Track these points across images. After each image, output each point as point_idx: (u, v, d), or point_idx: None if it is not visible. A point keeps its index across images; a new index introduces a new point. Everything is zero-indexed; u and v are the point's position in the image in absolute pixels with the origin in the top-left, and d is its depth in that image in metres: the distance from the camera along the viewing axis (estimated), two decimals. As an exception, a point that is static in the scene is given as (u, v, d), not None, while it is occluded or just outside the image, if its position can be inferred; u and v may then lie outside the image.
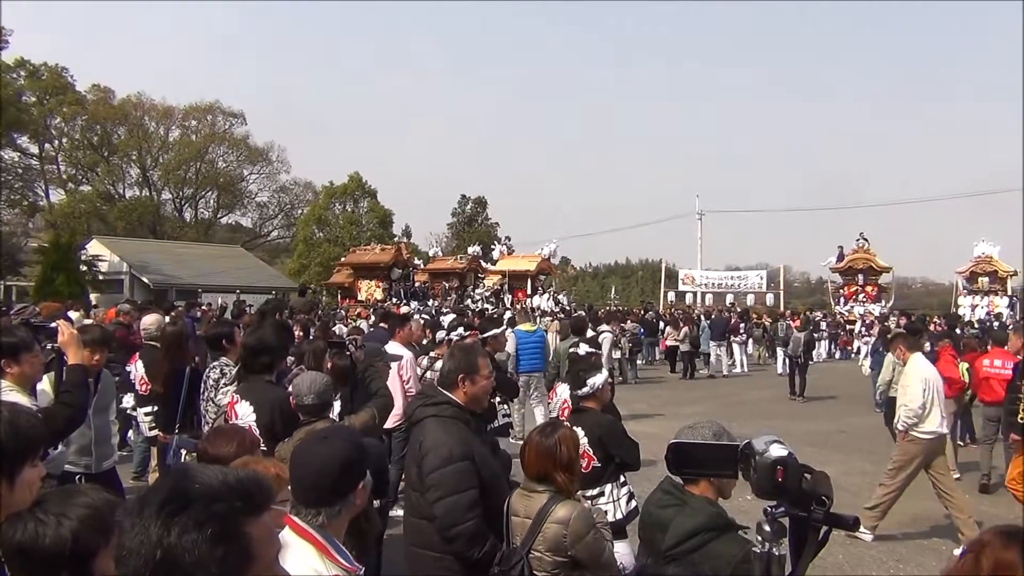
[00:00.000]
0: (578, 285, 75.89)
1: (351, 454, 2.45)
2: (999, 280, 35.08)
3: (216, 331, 6.69)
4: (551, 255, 40.71)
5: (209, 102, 59.21)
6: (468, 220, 67.02)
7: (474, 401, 3.86)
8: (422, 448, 3.63)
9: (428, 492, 3.53)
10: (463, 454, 3.55)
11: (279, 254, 66.13)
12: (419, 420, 3.80)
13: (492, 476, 3.67)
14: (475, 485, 3.53)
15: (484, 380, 3.88)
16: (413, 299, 32.50)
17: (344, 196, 59.94)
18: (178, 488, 1.29)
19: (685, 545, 2.90)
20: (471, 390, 3.81)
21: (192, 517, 1.24)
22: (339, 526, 2.40)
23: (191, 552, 1.22)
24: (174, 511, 1.24)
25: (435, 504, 3.50)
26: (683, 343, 22.98)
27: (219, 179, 59.79)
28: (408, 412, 4.00)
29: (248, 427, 4.55)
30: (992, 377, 10.02)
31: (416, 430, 3.81)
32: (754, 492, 2.10)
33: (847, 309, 35.62)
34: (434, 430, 3.67)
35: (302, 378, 4.43)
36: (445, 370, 3.89)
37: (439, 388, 3.90)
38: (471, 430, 3.76)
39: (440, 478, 3.51)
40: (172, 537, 1.22)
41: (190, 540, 1.22)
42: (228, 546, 1.25)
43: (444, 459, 3.53)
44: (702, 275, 43.30)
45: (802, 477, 2.03)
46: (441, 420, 3.70)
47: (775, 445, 2.08)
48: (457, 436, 3.62)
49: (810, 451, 11.66)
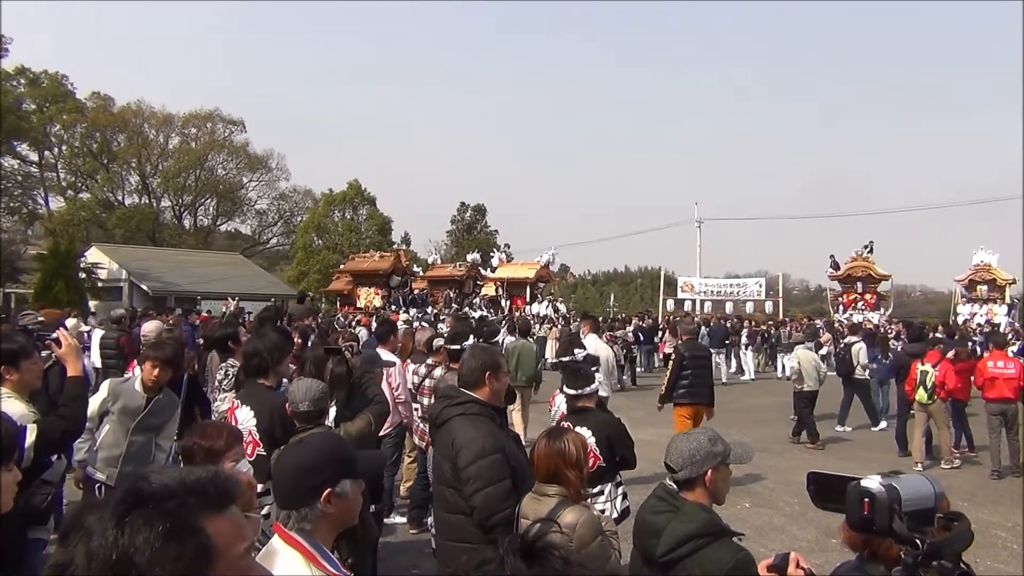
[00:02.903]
0: (577, 292, 75.94)
1: (316, 458, 2.45)
2: (997, 288, 35.13)
3: (221, 333, 6.72)
4: (550, 262, 40.83)
5: (209, 110, 59.49)
6: (467, 227, 67.12)
7: (497, 396, 4.04)
8: (454, 445, 3.77)
9: (466, 485, 3.68)
10: (495, 447, 3.73)
11: (278, 261, 66.16)
12: (445, 420, 3.93)
13: (521, 467, 3.82)
14: (508, 475, 3.69)
15: (505, 376, 4.11)
16: (412, 306, 32.55)
17: (343, 203, 60.09)
18: (132, 489, 1.29)
19: (678, 551, 2.91)
20: (495, 386, 4.01)
21: (143, 516, 1.23)
22: (326, 532, 2.40)
23: (143, 551, 1.21)
24: (125, 511, 1.24)
25: (473, 496, 3.64)
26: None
27: (218, 186, 59.82)
28: (432, 414, 4.12)
29: (248, 432, 4.58)
30: (997, 376, 11.06)
31: (444, 431, 3.93)
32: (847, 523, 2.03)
33: (846, 317, 35.61)
34: (463, 427, 3.82)
35: (297, 385, 4.44)
36: (468, 368, 4.02)
37: (460, 388, 4.03)
38: (496, 425, 3.96)
39: (477, 471, 3.66)
40: (125, 537, 1.21)
41: (142, 539, 1.21)
42: (182, 544, 1.24)
43: (478, 453, 3.68)
44: (701, 283, 43.27)
45: (893, 515, 1.85)
46: (468, 418, 3.87)
47: (888, 478, 1.91)
48: (486, 430, 3.81)
49: (809, 458, 11.71)
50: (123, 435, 5.08)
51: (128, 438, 5.08)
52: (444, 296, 36.29)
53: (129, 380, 5.49)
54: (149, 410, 5.16)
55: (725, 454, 3.11)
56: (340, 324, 21.17)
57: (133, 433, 5.09)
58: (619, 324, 26.10)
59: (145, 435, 5.15)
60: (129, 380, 5.49)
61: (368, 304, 35.22)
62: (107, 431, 5.16)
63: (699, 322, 27.81)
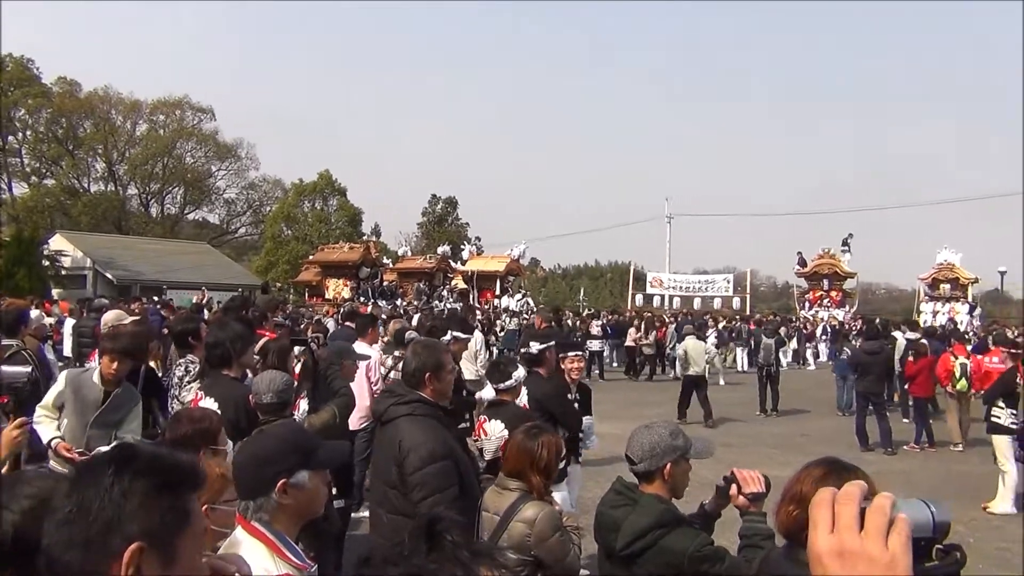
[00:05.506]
0: (547, 286, 75.99)
1: (272, 449, 2.45)
2: (960, 287, 35.73)
3: (182, 327, 6.53)
4: (520, 256, 40.83)
5: (178, 97, 58.60)
6: (438, 220, 66.85)
7: (441, 396, 3.95)
8: (402, 448, 3.68)
9: (412, 492, 3.60)
10: (444, 453, 3.65)
11: (247, 251, 65.57)
12: (392, 419, 3.84)
13: (467, 471, 3.78)
14: (456, 482, 3.63)
15: (449, 375, 4.00)
16: (381, 298, 32.43)
17: (313, 194, 59.67)
18: (127, 446, 1.41)
19: (638, 544, 2.94)
20: (438, 387, 3.91)
21: (137, 470, 1.33)
22: (287, 523, 2.40)
23: (132, 501, 1.30)
24: (120, 467, 1.33)
25: (420, 504, 3.55)
26: (648, 346, 23.04)
27: (186, 175, 59.12)
28: (378, 411, 4.01)
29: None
30: (992, 371, 11.82)
31: (389, 428, 3.85)
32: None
33: (812, 314, 36.06)
34: (411, 429, 3.73)
35: (261, 376, 4.42)
36: (411, 368, 3.93)
37: (407, 387, 3.94)
38: (444, 426, 3.87)
39: (423, 477, 3.58)
40: (116, 488, 1.30)
41: (137, 489, 1.31)
42: (171, 500, 1.35)
43: (426, 458, 3.60)
44: (670, 278, 43.46)
45: None
46: (415, 419, 3.78)
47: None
48: (435, 434, 3.72)
49: (774, 452, 11.87)
50: (81, 430, 4.91)
51: (87, 432, 4.92)
52: (414, 288, 36.21)
53: (88, 371, 5.34)
54: (107, 407, 4.99)
55: (685, 448, 3.15)
56: (310, 315, 21.05)
57: (92, 427, 4.94)
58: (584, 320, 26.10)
59: (104, 430, 4.96)
60: (88, 371, 5.34)
61: (337, 295, 35.03)
62: (66, 425, 4.97)
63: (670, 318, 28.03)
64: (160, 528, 1.32)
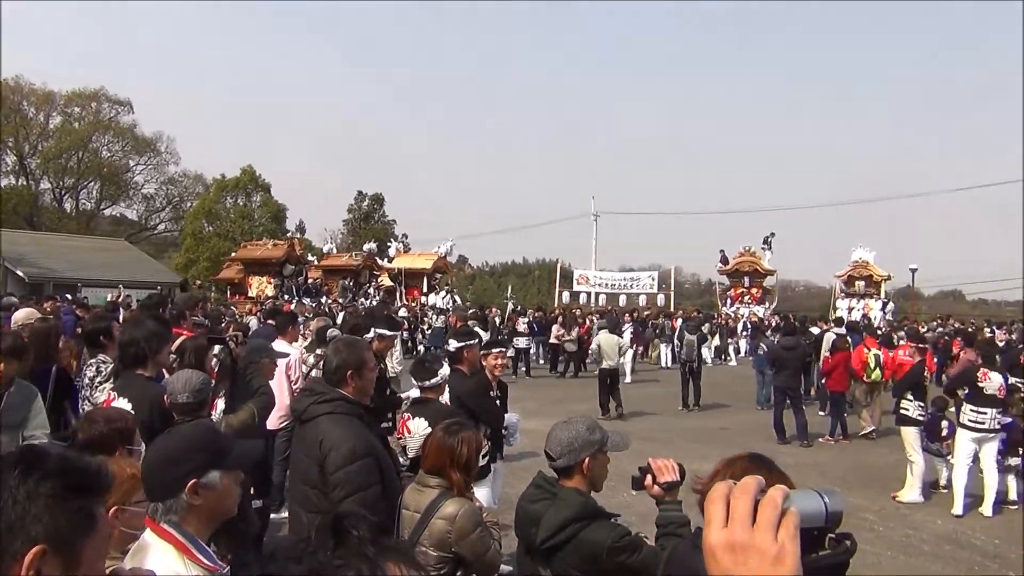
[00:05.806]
0: (475, 284, 76.00)
1: (181, 449, 2.41)
2: (874, 284, 37.02)
3: (93, 327, 6.36)
4: (448, 253, 40.78)
5: (94, 89, 56.65)
6: (365, 217, 66.23)
7: (363, 395, 3.93)
8: (323, 447, 3.64)
9: (333, 491, 3.57)
10: (365, 451, 3.63)
11: (166, 248, 63.82)
12: (312, 417, 3.80)
13: (389, 470, 3.76)
14: (378, 481, 3.61)
15: (371, 373, 3.99)
16: (306, 296, 32.01)
17: (236, 190, 58.41)
18: (32, 448, 1.45)
19: (557, 537, 2.98)
20: (359, 385, 3.89)
21: (43, 474, 1.34)
22: (198, 524, 2.35)
23: (38, 504, 1.31)
24: (26, 469, 1.34)
25: (341, 502, 3.52)
26: (571, 343, 23.18)
27: (103, 169, 57.20)
28: (298, 409, 3.96)
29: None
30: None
31: (310, 427, 3.80)
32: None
33: (733, 310, 36.86)
34: (332, 428, 3.70)
35: (176, 376, 4.32)
36: (332, 366, 3.90)
37: (328, 385, 3.90)
38: (365, 424, 3.84)
39: (345, 476, 3.55)
40: (22, 491, 1.31)
41: (43, 492, 1.32)
42: (77, 504, 1.36)
43: (347, 457, 3.58)
44: (596, 276, 43.85)
45: None
46: (336, 417, 3.75)
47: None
48: (356, 433, 3.70)
49: (694, 446, 12.09)
50: None
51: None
52: (339, 285, 35.85)
53: None
54: (2, 409, 4.74)
55: (603, 442, 3.20)
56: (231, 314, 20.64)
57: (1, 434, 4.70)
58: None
59: (10, 432, 4.73)
60: None
61: (260, 293, 34.47)
62: None
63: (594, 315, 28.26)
64: (65, 532, 1.32)
